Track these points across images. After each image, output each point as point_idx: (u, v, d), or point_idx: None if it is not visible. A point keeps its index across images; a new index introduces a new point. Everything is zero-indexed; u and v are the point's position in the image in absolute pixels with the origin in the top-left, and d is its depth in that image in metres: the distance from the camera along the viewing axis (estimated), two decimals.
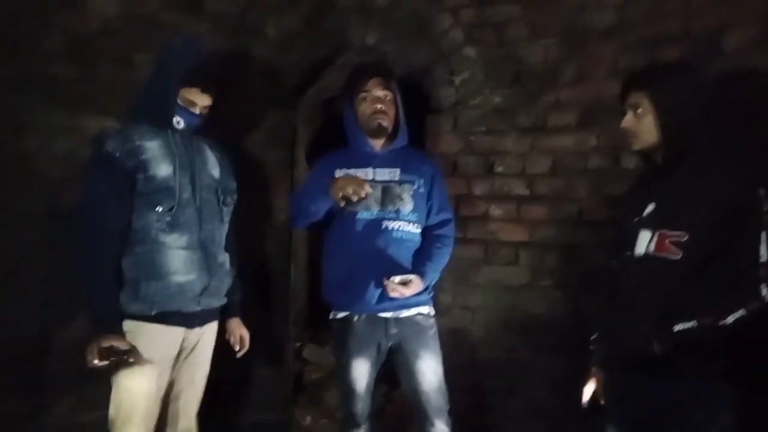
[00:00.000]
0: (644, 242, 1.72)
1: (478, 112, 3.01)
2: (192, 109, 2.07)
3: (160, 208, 1.96)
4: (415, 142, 2.62)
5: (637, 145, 1.77)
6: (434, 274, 2.35)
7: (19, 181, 2.48)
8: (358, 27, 3.09)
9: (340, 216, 2.35)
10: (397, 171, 2.35)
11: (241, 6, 2.95)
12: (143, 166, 1.97)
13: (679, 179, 1.69)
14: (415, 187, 2.34)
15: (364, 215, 2.31)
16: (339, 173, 2.34)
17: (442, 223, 2.41)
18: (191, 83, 2.04)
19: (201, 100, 2.09)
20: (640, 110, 1.74)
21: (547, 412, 2.80)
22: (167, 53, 2.05)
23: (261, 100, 3.01)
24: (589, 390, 1.96)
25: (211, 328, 2.16)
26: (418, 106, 3.11)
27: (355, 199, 2.17)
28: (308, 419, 3.27)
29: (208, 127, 2.23)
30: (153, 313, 1.93)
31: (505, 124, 2.96)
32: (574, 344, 2.64)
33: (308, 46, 3.06)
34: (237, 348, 2.26)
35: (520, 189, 2.93)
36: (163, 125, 2.05)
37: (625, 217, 1.86)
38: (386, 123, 2.33)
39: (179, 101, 2.04)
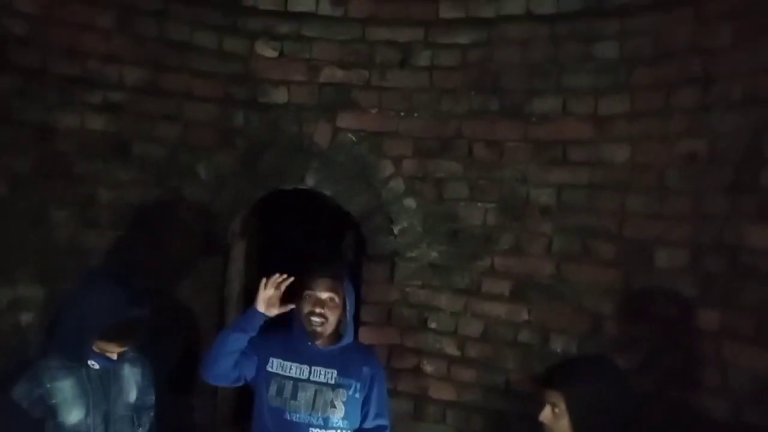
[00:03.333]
0: None
1: (414, 266, 2.97)
2: (108, 355, 1.99)
3: None
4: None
5: None
6: None
7: None
8: (297, 168, 2.98)
9: (268, 406, 2.27)
10: (334, 373, 2.26)
11: (170, 148, 2.79)
12: (52, 412, 1.86)
13: None
14: (350, 392, 2.25)
15: (292, 417, 2.23)
16: (275, 362, 2.29)
17: (377, 430, 2.33)
18: (107, 339, 1.93)
19: (118, 349, 1.99)
20: (557, 410, 1.76)
21: None
22: (87, 302, 1.89)
23: (191, 244, 2.87)
24: None
25: None
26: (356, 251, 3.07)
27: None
28: None
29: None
30: None
31: (440, 281, 2.94)
32: None
33: (243, 186, 2.94)
34: None
35: (451, 348, 2.93)
36: (76, 365, 1.93)
37: None
38: (321, 328, 2.25)
39: (94, 348, 1.94)
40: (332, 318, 2.27)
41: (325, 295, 2.25)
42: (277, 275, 2.24)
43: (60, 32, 2.51)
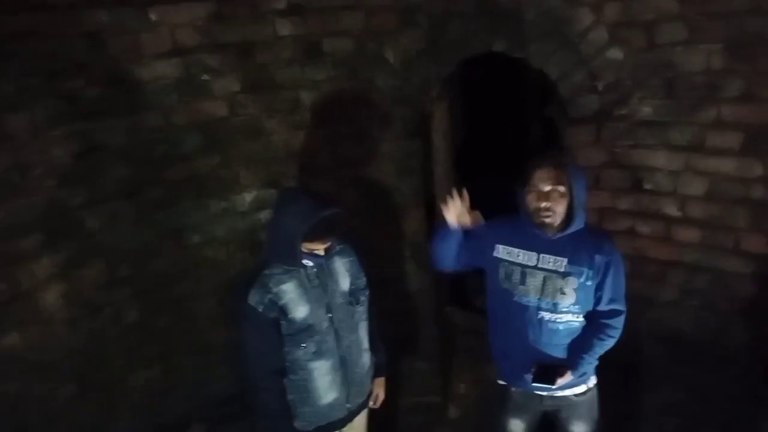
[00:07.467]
0: None
1: (624, 124, 2.71)
2: (317, 252, 2.24)
3: (304, 345, 2.23)
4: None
5: None
6: (589, 365, 2.33)
7: None
8: (484, 34, 2.80)
9: (498, 288, 2.37)
10: (564, 261, 2.22)
11: (356, 39, 2.80)
12: (283, 311, 2.20)
13: None
14: (581, 279, 2.21)
15: (521, 300, 2.28)
16: (501, 249, 2.34)
17: (612, 314, 2.28)
18: (312, 239, 2.16)
19: (322, 246, 2.24)
20: None
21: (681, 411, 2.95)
22: (287, 213, 2.12)
23: (390, 131, 2.97)
24: None
25: (361, 414, 2.50)
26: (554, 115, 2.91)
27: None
28: (462, 386, 3.69)
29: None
30: (312, 429, 2.32)
31: (656, 138, 2.67)
32: (718, 360, 2.72)
33: (430, 63, 2.87)
34: (371, 404, 2.55)
35: (670, 209, 2.73)
36: (294, 267, 2.22)
37: None
38: (551, 220, 2.18)
39: (304, 249, 2.19)
40: (560, 209, 2.17)
41: (548, 187, 2.15)
42: (455, 192, 2.27)
43: None
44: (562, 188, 2.15)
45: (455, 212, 2.29)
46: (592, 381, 2.45)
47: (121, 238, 2.65)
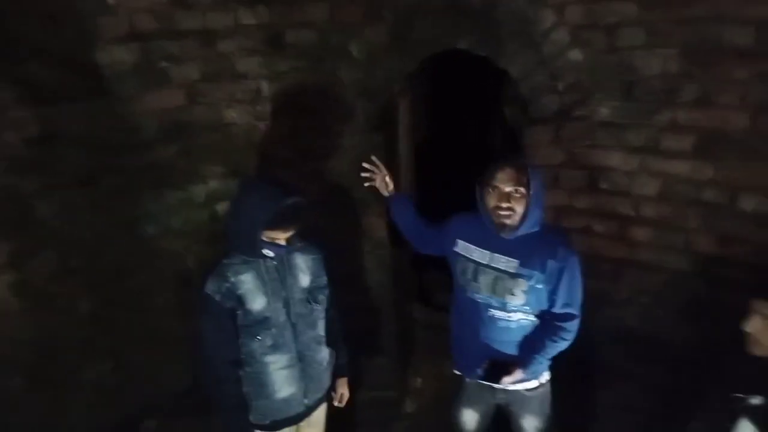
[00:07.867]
0: None
1: (583, 125, 2.77)
2: (278, 242, 2.20)
3: (259, 337, 2.21)
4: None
5: None
6: (541, 365, 2.34)
7: None
8: (449, 32, 2.80)
9: (456, 282, 2.43)
10: (515, 263, 2.22)
11: (321, 30, 2.77)
12: (240, 301, 2.17)
13: None
14: (531, 282, 2.21)
15: (473, 296, 2.31)
16: (461, 244, 2.37)
17: (566, 317, 2.27)
18: (273, 228, 2.13)
19: (284, 235, 2.20)
20: None
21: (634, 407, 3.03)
22: (249, 201, 2.09)
23: (353, 125, 2.95)
24: None
25: (319, 409, 2.49)
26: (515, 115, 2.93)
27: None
28: (419, 381, 3.71)
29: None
30: (267, 422, 2.30)
31: (613, 140, 2.73)
32: (669, 358, 2.80)
33: (395, 59, 2.86)
34: (336, 403, 2.59)
35: (624, 208, 2.79)
36: (253, 257, 2.19)
37: None
38: (511, 221, 2.19)
39: (264, 238, 2.16)
40: (520, 209, 2.18)
41: (509, 188, 2.16)
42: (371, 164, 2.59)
43: None
44: (522, 189, 2.18)
45: (380, 182, 2.58)
46: (545, 377, 2.49)
47: (75, 228, 2.57)
